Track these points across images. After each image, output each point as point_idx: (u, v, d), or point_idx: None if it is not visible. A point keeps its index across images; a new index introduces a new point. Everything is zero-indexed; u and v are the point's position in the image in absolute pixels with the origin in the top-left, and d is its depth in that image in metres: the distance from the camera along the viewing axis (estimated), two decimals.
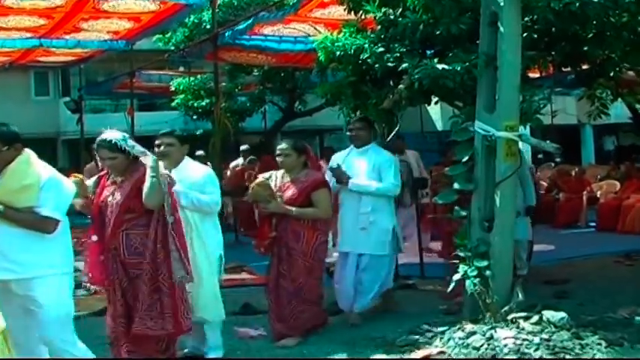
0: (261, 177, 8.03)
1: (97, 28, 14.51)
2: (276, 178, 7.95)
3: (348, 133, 8.90)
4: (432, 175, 12.43)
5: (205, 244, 7.13)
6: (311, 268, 7.70)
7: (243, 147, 18.97)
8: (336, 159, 8.85)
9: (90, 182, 6.59)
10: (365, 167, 8.58)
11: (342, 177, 8.48)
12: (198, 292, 6.89)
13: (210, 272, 7.12)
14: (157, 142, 7.27)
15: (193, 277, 6.34)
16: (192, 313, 6.53)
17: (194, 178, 7.16)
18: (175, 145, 7.22)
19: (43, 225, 5.74)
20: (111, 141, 6.22)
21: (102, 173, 6.58)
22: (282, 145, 7.94)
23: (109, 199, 6.29)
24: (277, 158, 7.94)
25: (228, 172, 17.95)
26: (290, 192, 7.75)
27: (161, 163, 6.86)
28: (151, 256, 6.08)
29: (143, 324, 6.09)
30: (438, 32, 8.05)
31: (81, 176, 6.62)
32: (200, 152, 20.08)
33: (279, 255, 7.72)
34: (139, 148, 6.28)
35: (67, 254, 5.99)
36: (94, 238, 6.36)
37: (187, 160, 7.36)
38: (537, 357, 6.14)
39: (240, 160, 18.60)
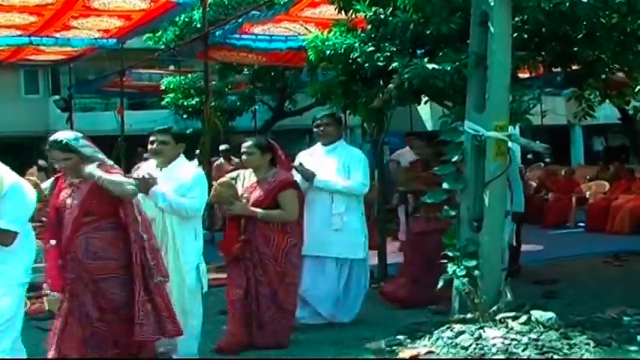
0: (227, 176, 7.69)
1: (88, 26, 14.47)
2: (243, 178, 7.62)
3: (314, 130, 8.52)
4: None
5: (180, 253, 6.76)
6: (283, 274, 7.34)
7: (222, 146, 18.80)
8: (302, 157, 8.51)
9: (46, 184, 6.47)
10: (334, 166, 8.25)
11: (305, 174, 8.11)
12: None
13: (180, 284, 6.75)
14: (151, 138, 7.06)
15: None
16: None
17: (182, 180, 6.85)
18: (170, 144, 6.96)
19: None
20: (61, 141, 5.94)
21: (58, 175, 6.32)
22: (246, 143, 7.57)
23: (67, 201, 6.04)
24: (242, 157, 7.64)
25: (213, 172, 17.96)
26: (257, 193, 7.41)
27: (152, 162, 6.82)
28: (132, 258, 5.88)
29: (144, 330, 5.86)
30: (428, 32, 8.05)
31: (34, 178, 6.52)
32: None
33: (253, 260, 7.33)
34: (89, 149, 6.00)
35: (26, 265, 5.77)
36: (53, 242, 6.12)
37: (181, 159, 7.06)
38: (525, 357, 6.14)
39: (221, 160, 18.51)
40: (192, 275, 6.84)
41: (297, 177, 8.00)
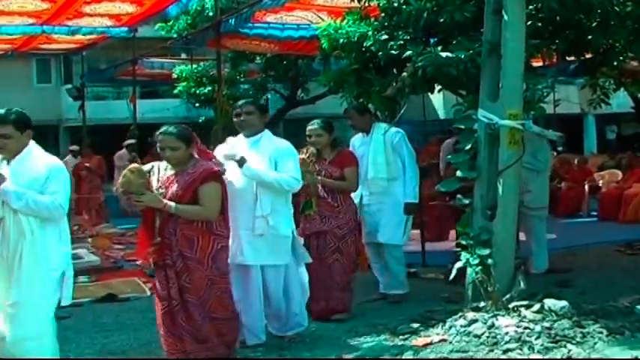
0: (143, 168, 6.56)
1: (100, 12, 14.44)
2: (158, 170, 6.53)
3: (234, 119, 7.45)
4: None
5: (40, 259, 5.72)
6: (212, 280, 6.32)
7: (128, 141, 19.00)
8: (222, 150, 7.29)
9: None
10: (259, 159, 7.15)
11: (238, 160, 7.01)
12: (20, 317, 5.68)
13: (41, 296, 5.76)
14: None
15: (17, 300, 5.64)
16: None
17: (34, 174, 5.86)
18: (14, 137, 5.97)
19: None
20: None
21: None
22: (166, 137, 6.43)
23: None
24: (163, 152, 6.47)
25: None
26: (174, 187, 6.31)
27: None
28: None
29: None
30: (441, 20, 8.05)
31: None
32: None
33: (176, 266, 6.28)
34: None
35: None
36: None
37: (31, 147, 6.07)
38: (538, 345, 6.15)
39: (124, 153, 18.67)
40: (57, 284, 5.82)
41: (227, 163, 6.98)
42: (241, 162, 7.00)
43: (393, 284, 8.99)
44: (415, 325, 7.16)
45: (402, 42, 8.31)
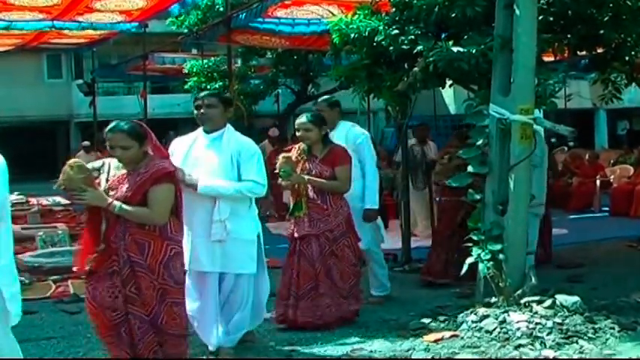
0: (90, 165, 5.92)
1: (110, 7, 14.44)
2: (109, 168, 5.86)
3: (194, 112, 6.77)
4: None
5: None
6: (164, 290, 5.62)
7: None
8: (178, 145, 6.80)
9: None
10: (219, 160, 6.56)
11: (187, 182, 6.36)
12: None
13: None
14: None
15: None
16: None
17: None
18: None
19: None
20: None
21: None
22: (116, 134, 5.66)
23: None
24: (113, 151, 5.74)
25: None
26: (124, 187, 5.65)
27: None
28: None
29: None
30: (453, 14, 8.02)
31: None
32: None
33: (122, 273, 5.59)
34: None
35: None
36: None
37: None
38: (550, 341, 6.15)
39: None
40: None
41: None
42: (194, 185, 6.40)
43: (375, 285, 8.67)
44: (426, 321, 7.17)
45: (413, 37, 8.28)
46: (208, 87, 21.40)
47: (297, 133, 7.68)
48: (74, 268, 6.08)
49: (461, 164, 9.14)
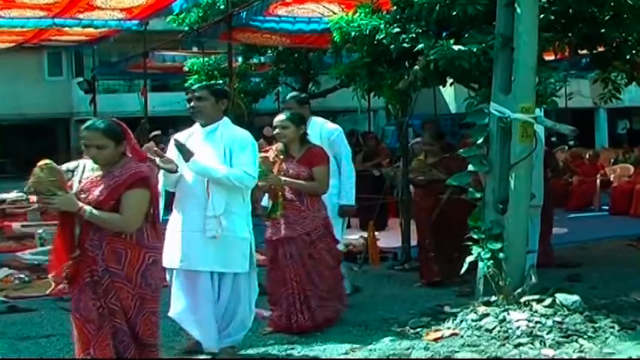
0: (64, 166, 5.61)
1: (111, 5, 14.44)
2: (83, 169, 5.46)
3: (187, 106, 6.69)
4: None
5: None
6: (142, 299, 5.31)
7: (154, 132, 18.74)
8: (178, 139, 6.61)
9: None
10: (213, 153, 6.44)
11: (184, 151, 6.35)
12: None
13: None
14: None
15: None
16: None
17: None
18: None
19: None
20: None
21: None
22: (90, 132, 5.31)
23: None
24: (87, 151, 5.42)
25: None
26: (97, 190, 5.25)
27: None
28: None
29: None
30: (454, 13, 8.02)
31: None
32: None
33: (102, 283, 5.25)
34: None
35: None
36: None
37: None
38: (550, 339, 6.15)
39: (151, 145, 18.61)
40: None
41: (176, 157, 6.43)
42: (187, 155, 6.32)
43: None
44: (426, 319, 7.18)
45: (414, 35, 8.28)
46: None
47: (275, 131, 7.46)
48: (49, 275, 5.78)
49: (436, 162, 9.17)
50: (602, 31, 8.65)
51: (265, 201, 7.77)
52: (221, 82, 20.42)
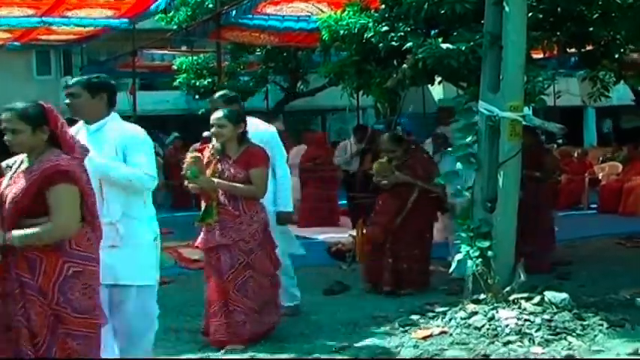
0: (3, 164, 4.83)
1: (100, 2, 14.41)
2: (19, 164, 4.70)
3: (65, 102, 5.91)
4: None
5: None
6: (57, 317, 4.41)
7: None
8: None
9: None
10: (104, 152, 5.58)
11: None
12: None
13: None
14: None
15: None
16: None
17: None
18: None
19: None
20: None
21: None
22: (7, 114, 4.67)
23: None
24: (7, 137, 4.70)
25: None
26: (14, 188, 4.48)
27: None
28: None
29: None
30: (442, 11, 8.03)
31: None
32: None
33: (13, 295, 4.43)
34: None
35: None
36: None
37: None
38: (539, 337, 6.16)
39: None
40: None
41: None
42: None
43: (286, 297, 7.61)
44: (415, 317, 7.17)
45: (402, 33, 8.30)
46: (197, 84, 21.45)
47: (212, 130, 6.90)
48: None
49: (400, 165, 8.90)
50: (591, 29, 8.67)
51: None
52: (210, 80, 20.45)
